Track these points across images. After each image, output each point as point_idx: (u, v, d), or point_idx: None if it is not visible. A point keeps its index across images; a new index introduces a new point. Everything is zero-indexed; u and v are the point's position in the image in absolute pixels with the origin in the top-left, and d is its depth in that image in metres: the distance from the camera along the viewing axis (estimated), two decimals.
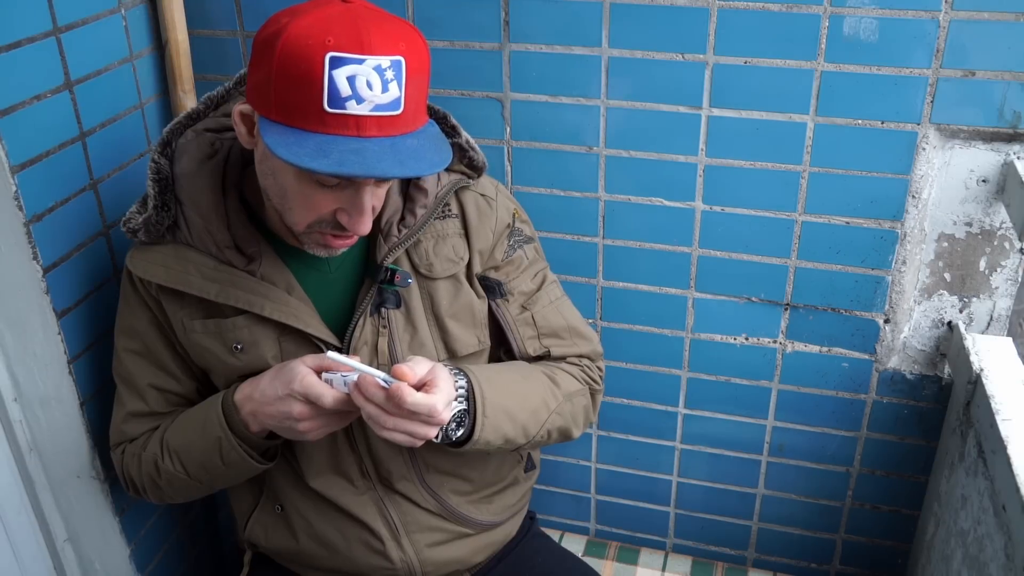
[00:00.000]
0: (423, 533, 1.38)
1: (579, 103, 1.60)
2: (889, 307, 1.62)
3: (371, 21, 1.03)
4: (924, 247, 1.58)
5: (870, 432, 1.75)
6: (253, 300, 1.24)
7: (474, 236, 1.33)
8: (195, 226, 1.24)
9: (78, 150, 1.45)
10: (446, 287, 1.32)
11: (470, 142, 1.32)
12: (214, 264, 1.24)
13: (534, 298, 1.41)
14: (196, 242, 1.25)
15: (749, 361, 1.75)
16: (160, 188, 1.24)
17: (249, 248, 1.25)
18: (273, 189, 1.16)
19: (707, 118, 1.56)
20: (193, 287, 1.24)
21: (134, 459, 1.36)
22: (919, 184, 1.51)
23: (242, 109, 1.13)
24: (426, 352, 1.30)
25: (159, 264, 1.25)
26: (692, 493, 1.94)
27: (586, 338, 1.46)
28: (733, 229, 1.64)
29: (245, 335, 1.27)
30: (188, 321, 1.28)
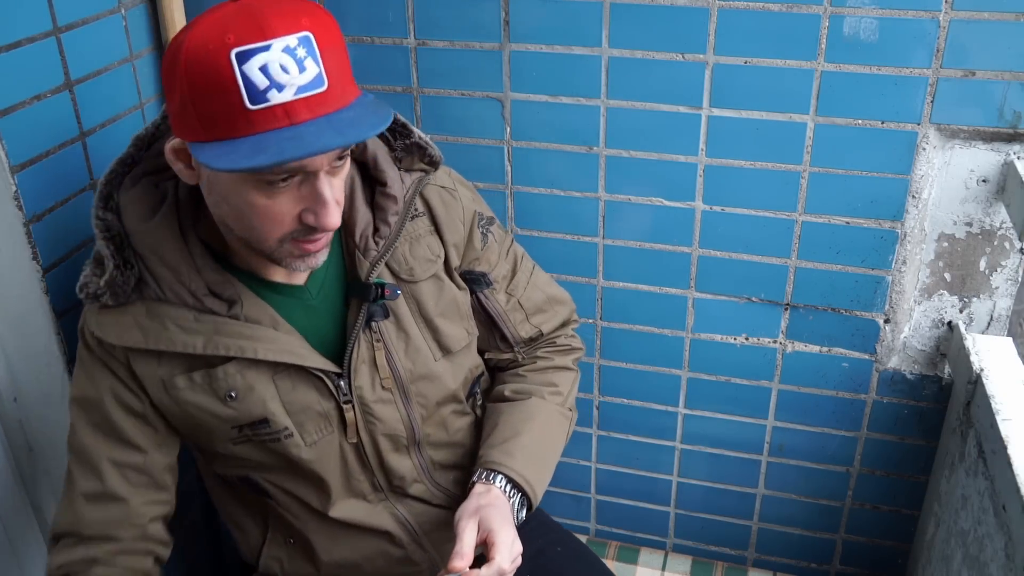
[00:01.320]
0: (440, 530, 1.38)
1: (579, 103, 1.60)
2: (889, 307, 1.62)
3: (266, 6, 0.98)
4: (924, 247, 1.58)
5: (870, 432, 1.75)
6: (244, 345, 1.17)
7: (445, 230, 1.30)
8: (164, 279, 1.16)
9: (78, 150, 1.45)
10: (429, 288, 1.30)
11: (423, 138, 1.27)
12: (193, 315, 1.17)
13: (515, 281, 1.41)
14: (169, 296, 1.16)
15: (749, 361, 1.75)
16: (116, 246, 1.14)
17: (226, 291, 1.18)
18: (230, 216, 1.09)
19: (707, 118, 1.56)
20: (177, 344, 1.16)
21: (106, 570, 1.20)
22: (919, 184, 1.51)
23: (173, 145, 1.07)
24: (422, 355, 1.29)
25: (132, 327, 1.16)
26: (692, 493, 1.94)
27: (563, 302, 1.47)
28: (733, 229, 1.63)
29: (238, 382, 1.19)
30: (170, 379, 1.19)
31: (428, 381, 1.30)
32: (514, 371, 1.45)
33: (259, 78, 0.96)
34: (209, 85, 0.96)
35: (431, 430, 1.34)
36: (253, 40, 0.96)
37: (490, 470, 1.28)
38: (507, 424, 1.36)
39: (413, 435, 1.31)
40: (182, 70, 0.97)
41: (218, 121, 0.98)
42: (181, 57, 0.97)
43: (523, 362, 1.44)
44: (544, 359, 1.45)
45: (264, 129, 0.97)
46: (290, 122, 0.98)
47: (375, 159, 1.25)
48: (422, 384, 1.30)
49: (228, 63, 0.95)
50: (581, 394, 1.89)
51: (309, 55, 0.98)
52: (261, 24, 0.96)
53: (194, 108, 0.98)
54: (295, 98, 0.97)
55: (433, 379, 1.31)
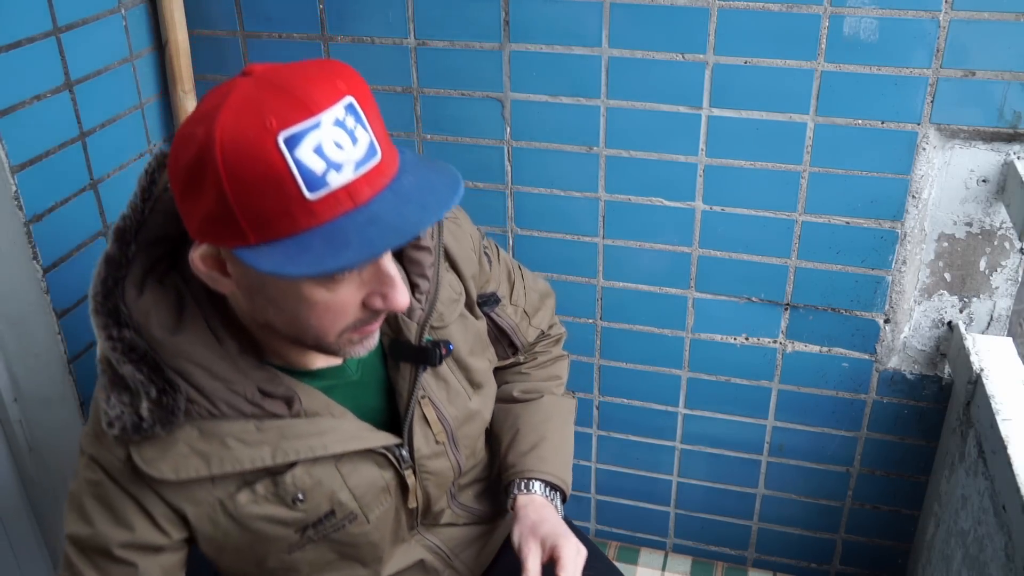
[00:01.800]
0: (467, 548, 1.36)
1: (579, 103, 1.60)
2: (889, 307, 1.62)
3: (295, 77, 0.88)
4: (924, 247, 1.57)
5: (870, 432, 1.75)
6: (314, 444, 1.07)
7: (462, 265, 1.24)
8: (216, 393, 1.02)
9: (78, 150, 1.45)
10: (458, 329, 1.24)
11: None
12: (254, 425, 1.05)
13: (515, 291, 1.38)
14: (224, 410, 1.03)
15: (749, 361, 1.75)
16: (149, 367, 0.99)
17: (279, 389, 1.06)
18: (280, 319, 0.98)
19: (707, 118, 1.55)
20: (244, 462, 1.04)
21: None
22: (919, 184, 1.51)
23: (201, 254, 0.94)
24: (460, 398, 1.24)
25: (189, 455, 1.02)
26: (692, 493, 1.94)
27: (549, 294, 1.46)
28: (733, 229, 1.63)
29: (306, 482, 1.09)
30: (230, 499, 1.06)
31: (470, 422, 1.27)
32: (515, 369, 1.44)
33: (315, 162, 0.85)
34: (258, 181, 0.84)
35: (470, 462, 1.32)
36: (300, 119, 0.84)
37: (528, 479, 1.28)
38: (529, 428, 1.36)
39: (459, 474, 1.28)
40: (218, 169, 0.84)
41: (272, 219, 0.86)
42: (214, 155, 0.84)
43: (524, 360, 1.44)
44: (543, 353, 1.45)
45: (329, 218, 0.87)
46: (354, 204, 0.87)
47: None
48: (466, 427, 1.25)
49: (277, 151, 0.84)
50: (581, 394, 1.89)
51: (358, 123, 0.88)
52: (303, 99, 0.86)
53: (239, 210, 0.86)
54: (355, 176, 0.87)
55: (473, 418, 1.27)
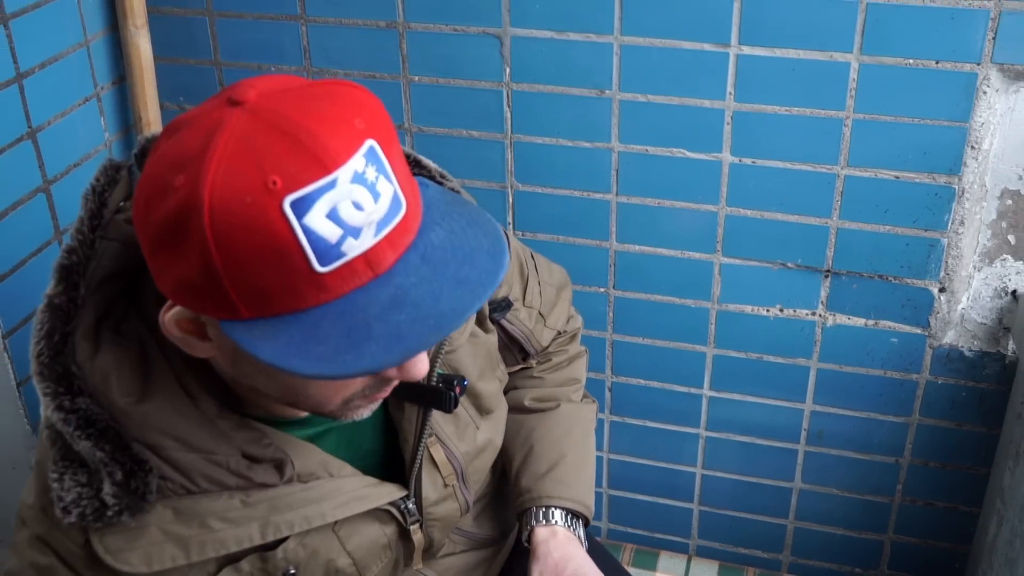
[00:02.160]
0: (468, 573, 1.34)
1: (589, 39, 1.57)
2: (945, 274, 1.59)
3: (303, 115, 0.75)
4: (985, 205, 1.54)
5: (923, 417, 1.73)
6: (310, 514, 0.99)
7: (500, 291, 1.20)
8: (192, 467, 0.92)
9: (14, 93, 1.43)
10: (467, 352, 1.15)
11: (443, 173, 1.07)
12: (239, 500, 0.95)
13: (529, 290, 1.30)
14: (202, 485, 0.93)
15: (784, 335, 1.73)
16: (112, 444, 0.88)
17: (267, 452, 0.97)
18: (271, 389, 0.90)
19: (736, 56, 1.52)
20: (230, 543, 0.94)
21: None
22: (979, 133, 1.47)
23: (176, 317, 0.82)
24: (469, 430, 1.17)
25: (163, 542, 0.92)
26: (719, 488, 1.93)
27: (565, 284, 1.39)
28: (765, 184, 1.60)
29: (299, 554, 1.01)
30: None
31: (481, 455, 1.19)
32: (527, 373, 1.38)
33: (328, 229, 0.73)
34: (256, 253, 0.73)
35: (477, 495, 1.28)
36: (311, 179, 0.72)
37: (547, 507, 1.24)
38: (546, 445, 1.29)
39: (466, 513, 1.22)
40: (205, 235, 0.72)
41: (272, 296, 0.75)
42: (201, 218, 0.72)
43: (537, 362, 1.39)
44: (557, 353, 1.38)
45: (342, 293, 0.76)
46: (374, 274, 0.76)
47: None
48: (477, 461, 1.19)
49: (282, 219, 0.71)
50: (591, 374, 1.87)
51: (380, 173, 0.76)
52: (314, 150, 0.72)
53: (231, 283, 0.74)
54: (376, 241, 0.76)
55: (484, 451, 1.20)
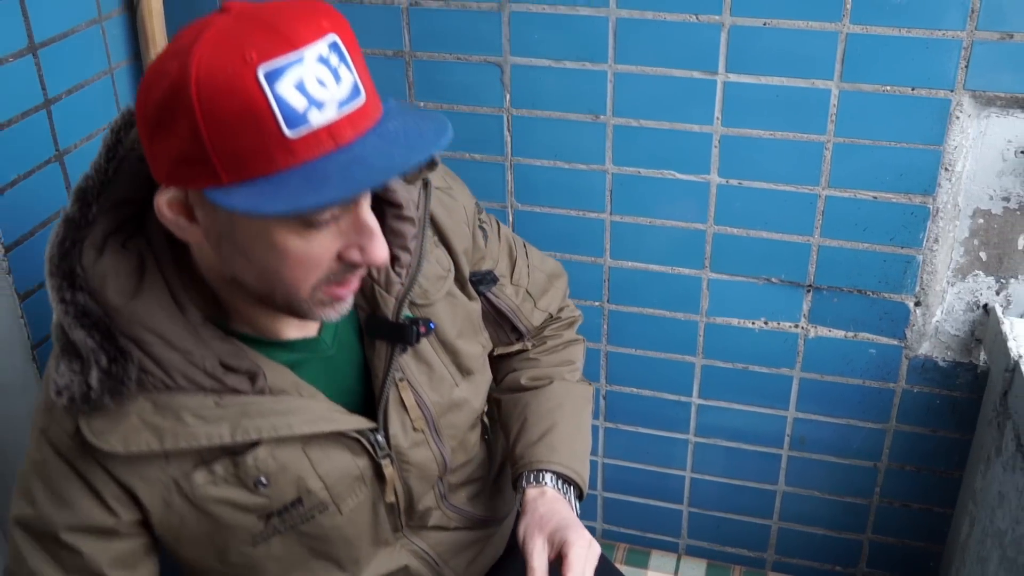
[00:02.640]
0: (459, 555, 1.35)
1: (585, 68, 1.59)
2: (920, 289, 1.61)
3: (277, 13, 0.87)
4: (958, 224, 1.56)
5: (899, 424, 1.74)
6: (277, 423, 1.05)
7: (452, 238, 1.23)
8: (172, 364, 1.01)
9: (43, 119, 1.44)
10: (444, 308, 1.21)
11: None
12: (213, 400, 1.03)
13: (517, 269, 1.37)
14: (180, 383, 1.01)
15: (768, 347, 1.75)
16: (101, 333, 0.98)
17: (243, 364, 1.04)
18: (250, 271, 0.97)
19: (723, 84, 1.54)
20: (201, 438, 1.01)
21: None
22: (952, 155, 1.49)
23: (168, 199, 0.93)
24: (445, 384, 1.22)
25: (140, 428, 1.00)
26: (707, 490, 1.94)
27: (560, 274, 1.45)
28: (751, 204, 1.62)
29: (270, 465, 1.07)
30: (186, 478, 1.04)
31: (455, 410, 1.24)
32: (523, 356, 1.42)
33: (296, 98, 0.84)
34: (235, 117, 0.83)
35: (458, 456, 1.30)
36: (281, 53, 0.83)
37: (537, 470, 1.26)
38: (538, 416, 1.32)
39: (444, 470, 1.26)
40: (192, 104, 0.83)
41: (248, 158, 0.85)
42: (188, 90, 0.83)
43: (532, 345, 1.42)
44: (553, 337, 1.42)
45: (308, 158, 0.86)
46: (336, 145, 0.87)
47: None
48: (451, 415, 1.23)
49: (256, 85, 0.82)
50: None
51: (342, 62, 0.87)
52: (285, 33, 0.84)
53: (213, 148, 0.85)
54: (338, 116, 0.86)
55: (459, 407, 1.24)
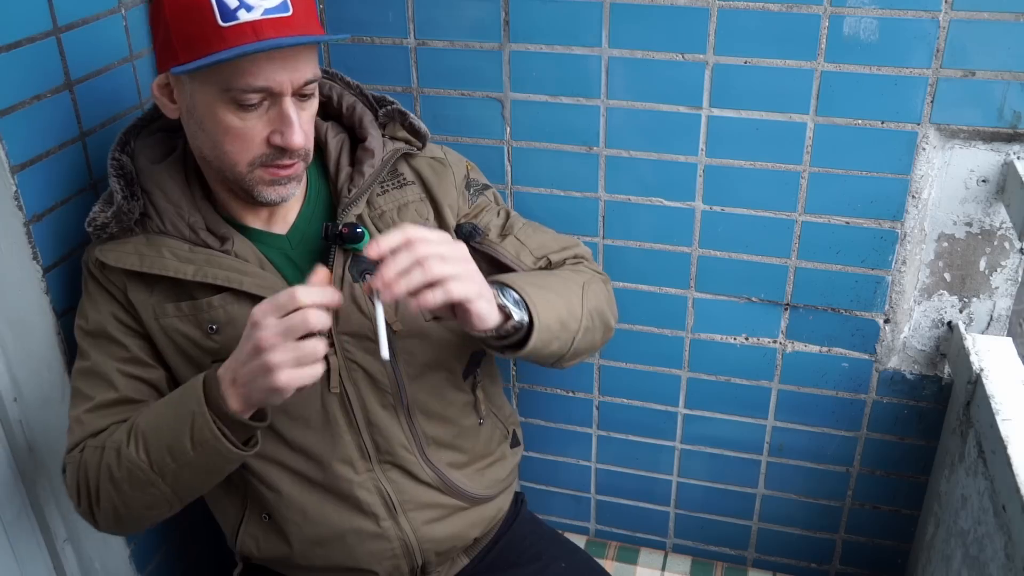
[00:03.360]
0: (420, 510, 1.38)
1: (579, 103, 1.60)
2: (889, 307, 1.62)
3: None
4: (924, 247, 1.57)
5: (870, 432, 1.75)
6: (231, 276, 1.26)
7: (438, 194, 1.38)
8: (166, 212, 1.28)
9: (78, 150, 1.45)
10: None
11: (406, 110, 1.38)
12: (188, 247, 1.27)
13: (507, 225, 1.46)
14: (168, 228, 1.28)
15: (749, 361, 1.75)
16: (126, 181, 1.27)
17: (220, 229, 1.29)
18: (206, 144, 1.21)
19: (707, 118, 1.56)
20: (170, 269, 1.26)
21: (95, 453, 1.24)
22: (919, 184, 1.51)
23: (158, 82, 1.22)
24: (416, 318, 1.33)
25: (132, 252, 1.27)
26: (692, 493, 1.94)
27: (573, 242, 1.52)
28: (733, 229, 1.64)
29: (220, 315, 1.27)
30: (160, 306, 1.28)
31: (417, 340, 1.33)
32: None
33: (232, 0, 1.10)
34: (186, 8, 1.11)
35: (423, 395, 1.35)
36: None
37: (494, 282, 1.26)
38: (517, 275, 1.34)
39: (400, 394, 1.33)
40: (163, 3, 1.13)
41: (194, 41, 1.11)
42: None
43: None
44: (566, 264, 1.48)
45: (233, 44, 1.10)
46: (256, 38, 1.10)
47: (360, 120, 1.37)
48: (410, 342, 1.33)
49: None
50: (581, 394, 1.89)
51: None
52: None
53: (174, 33, 1.12)
54: (262, 18, 1.11)
55: (423, 338, 1.34)
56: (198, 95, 1.17)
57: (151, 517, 1.26)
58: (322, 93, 1.38)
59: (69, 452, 1.29)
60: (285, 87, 1.15)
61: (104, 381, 1.29)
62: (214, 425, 1.13)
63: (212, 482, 1.24)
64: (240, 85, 1.13)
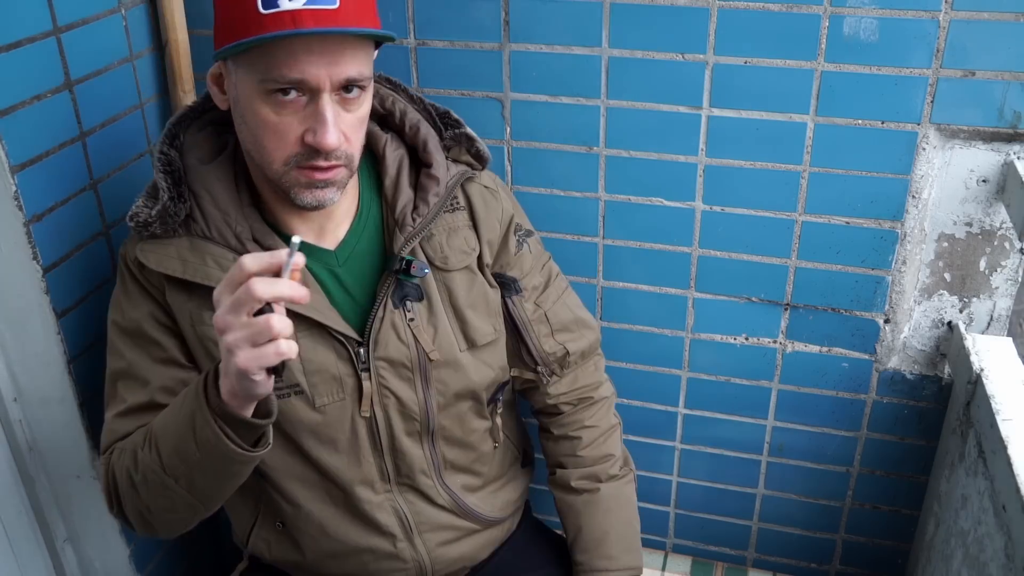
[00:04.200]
0: (435, 532, 1.39)
1: (579, 103, 1.60)
2: (889, 307, 1.63)
3: None
4: (924, 247, 1.58)
5: (870, 432, 1.75)
6: None
7: (482, 227, 1.35)
8: (213, 218, 1.23)
9: (78, 150, 1.45)
10: (462, 278, 1.33)
11: (475, 135, 1.35)
12: (233, 256, 1.21)
13: (544, 294, 1.44)
14: (214, 235, 1.23)
15: (749, 361, 1.75)
16: (173, 180, 1.23)
17: (267, 240, 1.24)
18: (248, 137, 1.18)
19: (707, 118, 1.56)
20: (212, 279, 1.19)
21: (120, 457, 1.23)
22: (919, 184, 1.51)
23: (212, 70, 1.20)
24: (448, 343, 1.31)
25: (174, 257, 1.22)
26: (692, 493, 1.94)
27: (590, 327, 1.51)
28: (733, 229, 1.64)
29: None
30: (197, 313, 1.23)
31: (451, 370, 1.32)
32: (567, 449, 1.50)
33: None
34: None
35: (447, 423, 1.35)
36: None
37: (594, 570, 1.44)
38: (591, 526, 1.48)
39: (428, 422, 1.32)
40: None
41: (235, 25, 1.09)
42: None
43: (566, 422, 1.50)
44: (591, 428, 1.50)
45: (271, 31, 1.06)
46: (295, 26, 1.06)
47: (425, 143, 1.31)
48: (444, 371, 1.32)
49: None
50: None
51: None
52: None
53: (220, 18, 1.12)
54: (304, 8, 1.06)
55: (456, 368, 1.32)
56: (240, 85, 1.14)
57: (178, 521, 1.23)
58: (383, 107, 1.35)
59: (102, 453, 1.28)
60: (323, 82, 1.10)
61: (138, 382, 1.26)
62: (215, 424, 1.08)
63: (229, 485, 1.19)
64: (274, 75, 1.09)
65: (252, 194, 1.27)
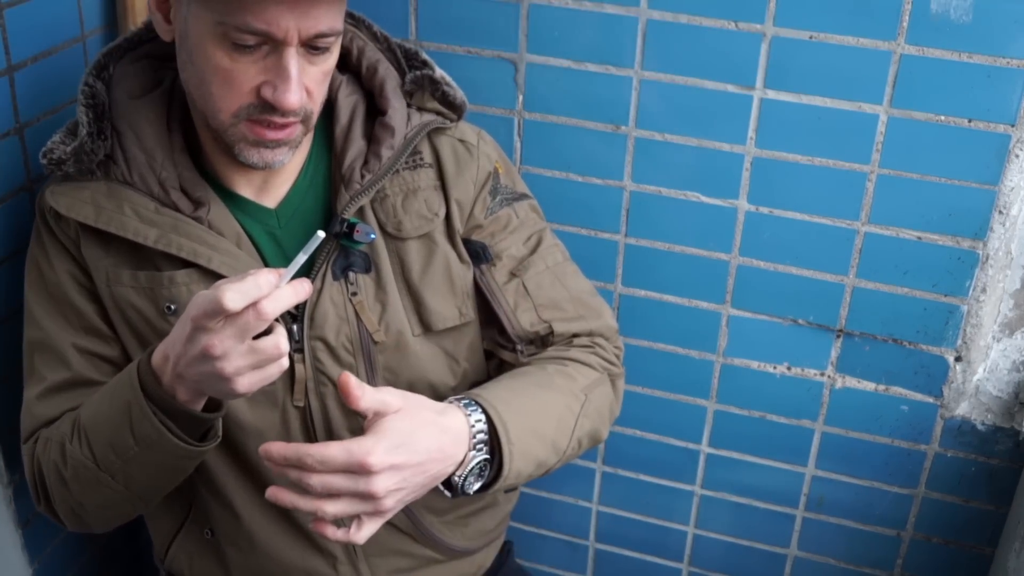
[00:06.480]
0: (385, 557, 1.38)
1: (608, 72, 1.60)
2: (962, 342, 1.62)
3: None
4: (1009, 273, 1.57)
5: (928, 491, 1.75)
6: (199, 250, 1.23)
7: (452, 186, 1.34)
8: (135, 161, 1.24)
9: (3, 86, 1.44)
10: (417, 248, 1.32)
11: (445, 78, 1.34)
12: (155, 206, 1.23)
13: (526, 263, 1.40)
14: (135, 180, 1.24)
15: (790, 395, 1.75)
16: (95, 114, 1.23)
17: (196, 192, 1.25)
18: (193, 80, 1.18)
19: (760, 100, 1.56)
20: (128, 230, 1.22)
21: (45, 447, 1.25)
22: (1008, 197, 1.50)
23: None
24: (398, 323, 1.31)
25: (88, 202, 1.23)
26: (711, 549, 1.94)
27: (595, 310, 1.45)
28: (781, 236, 1.63)
29: (182, 293, 1.24)
30: (114, 271, 1.25)
31: (400, 356, 1.32)
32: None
33: None
34: None
35: None
36: None
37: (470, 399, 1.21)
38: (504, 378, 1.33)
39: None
40: None
41: None
42: None
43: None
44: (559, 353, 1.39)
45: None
46: None
47: (382, 86, 1.32)
48: (393, 357, 1.32)
49: None
50: None
51: None
52: None
53: None
54: None
55: (406, 355, 1.32)
56: (192, 20, 1.13)
57: (115, 517, 1.27)
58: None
59: (24, 441, 1.29)
60: (290, 35, 1.10)
61: (57, 357, 1.28)
62: (155, 419, 1.11)
63: (171, 480, 1.23)
64: (236, 22, 1.08)
65: (187, 138, 1.28)
